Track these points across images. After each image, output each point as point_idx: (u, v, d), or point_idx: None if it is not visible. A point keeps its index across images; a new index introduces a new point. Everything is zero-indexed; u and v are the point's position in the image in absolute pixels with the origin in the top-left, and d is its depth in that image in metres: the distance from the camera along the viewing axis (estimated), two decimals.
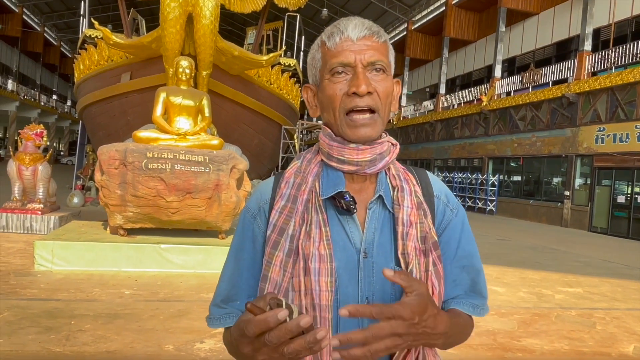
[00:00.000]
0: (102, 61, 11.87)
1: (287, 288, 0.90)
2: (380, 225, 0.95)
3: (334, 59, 0.92)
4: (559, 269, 8.04)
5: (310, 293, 0.88)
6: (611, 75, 14.65)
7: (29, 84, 39.03)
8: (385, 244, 0.94)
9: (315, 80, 0.99)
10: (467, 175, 21.20)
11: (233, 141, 8.73)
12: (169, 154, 6.03)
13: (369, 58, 0.91)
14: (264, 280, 0.93)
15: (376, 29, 0.93)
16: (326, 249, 0.90)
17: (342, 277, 0.91)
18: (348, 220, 0.94)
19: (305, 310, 0.88)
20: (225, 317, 0.98)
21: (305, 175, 0.97)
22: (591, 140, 15.37)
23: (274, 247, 0.93)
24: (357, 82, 0.89)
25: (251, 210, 1.00)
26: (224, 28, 24.86)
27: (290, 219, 0.93)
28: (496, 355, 3.84)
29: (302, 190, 0.95)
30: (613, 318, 5.16)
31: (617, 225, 14.51)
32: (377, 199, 0.96)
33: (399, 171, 1.01)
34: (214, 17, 8.11)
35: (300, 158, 1.02)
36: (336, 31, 0.92)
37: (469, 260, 1.01)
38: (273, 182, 1.01)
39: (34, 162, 8.15)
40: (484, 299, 1.02)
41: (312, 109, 1.01)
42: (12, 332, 3.62)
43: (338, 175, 0.95)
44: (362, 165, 0.94)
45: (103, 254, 5.78)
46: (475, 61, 24.42)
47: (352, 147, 0.93)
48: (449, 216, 1.02)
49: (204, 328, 3.98)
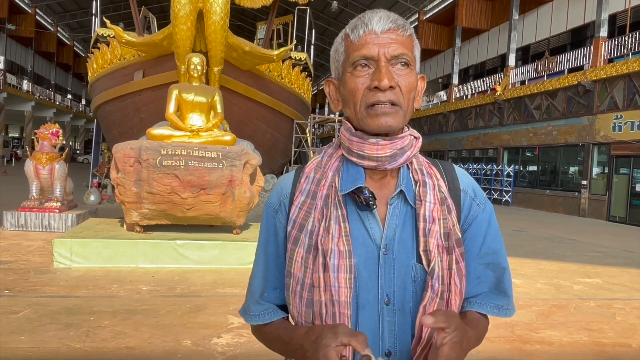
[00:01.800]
0: (114, 60, 11.95)
1: (309, 284, 0.90)
2: (402, 221, 0.93)
3: (356, 52, 0.90)
4: (577, 259, 7.94)
5: (329, 289, 0.88)
6: (628, 62, 14.35)
7: (44, 84, 39.52)
8: (406, 240, 0.92)
9: (337, 74, 0.97)
10: (481, 166, 21.00)
11: (245, 137, 8.74)
12: (182, 150, 6.06)
13: (393, 52, 0.89)
14: (288, 276, 0.94)
15: (401, 22, 0.91)
16: (345, 245, 0.89)
17: (361, 273, 0.90)
18: (368, 216, 0.93)
19: (324, 306, 0.88)
20: (264, 313, 0.99)
21: (325, 170, 0.97)
22: (608, 128, 15.10)
23: (294, 244, 0.93)
24: (380, 75, 0.88)
25: (273, 205, 1.00)
26: (234, 24, 24.94)
27: (310, 215, 0.93)
28: (514, 347, 3.81)
29: (322, 186, 0.95)
30: (633, 309, 5.08)
31: (636, 214, 14.26)
32: (399, 194, 0.94)
33: (422, 165, 0.99)
34: (225, 13, 8.10)
35: (322, 152, 1.01)
36: (360, 24, 0.91)
37: (494, 258, 0.99)
38: (293, 176, 1.00)
39: (50, 161, 8.26)
40: (509, 298, 0.99)
41: (333, 103, 1.00)
42: (32, 329, 3.68)
43: (358, 171, 0.94)
44: (382, 160, 0.92)
45: (120, 250, 5.85)
46: (488, 50, 24.10)
47: (372, 142, 0.91)
48: (476, 211, 1.00)
49: (220, 323, 4.01)
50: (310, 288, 0.90)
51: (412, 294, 0.91)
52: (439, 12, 26.68)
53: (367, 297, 0.90)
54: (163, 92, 7.66)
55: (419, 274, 0.91)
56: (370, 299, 0.90)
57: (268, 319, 0.98)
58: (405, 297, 0.91)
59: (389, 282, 0.90)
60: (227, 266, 6.01)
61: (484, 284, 0.98)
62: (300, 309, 0.92)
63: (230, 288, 5.14)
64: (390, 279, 0.90)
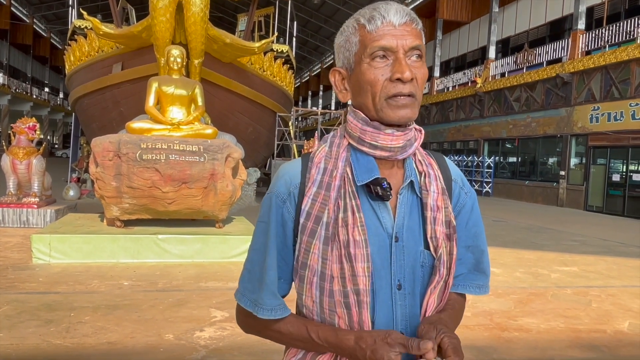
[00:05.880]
0: (92, 52, 11.74)
1: (330, 275, 0.92)
2: (409, 210, 0.98)
3: (375, 42, 0.91)
4: (554, 248, 8.10)
5: (350, 279, 0.91)
6: (605, 54, 14.61)
7: (20, 77, 38.65)
8: (414, 228, 0.97)
9: (347, 64, 0.97)
10: (462, 158, 21.23)
11: (228, 130, 8.69)
12: (163, 144, 6.01)
13: (410, 44, 0.91)
14: (303, 267, 0.95)
15: (414, 16, 0.94)
16: (361, 234, 0.92)
17: (375, 261, 0.93)
18: (380, 205, 0.96)
19: (350, 295, 0.91)
20: (277, 308, 0.96)
21: (335, 161, 0.98)
22: (586, 119, 15.38)
23: (311, 236, 0.93)
24: (402, 68, 0.90)
25: (281, 195, 0.98)
26: (214, 15, 24.65)
27: (325, 207, 0.94)
28: (493, 334, 3.89)
29: (334, 177, 0.96)
30: (608, 295, 5.22)
31: (612, 203, 14.60)
32: (408, 185, 0.98)
33: (424, 156, 1.03)
34: (204, 4, 8.01)
35: (327, 142, 1.02)
36: (377, 15, 0.92)
37: (475, 241, 1.06)
38: (301, 166, 1.00)
39: (27, 155, 8.11)
40: (487, 277, 1.07)
41: (340, 92, 1.00)
42: (12, 325, 3.63)
43: (369, 160, 0.96)
44: (395, 151, 0.95)
45: (100, 246, 5.79)
46: (469, 43, 24.29)
47: (387, 132, 0.94)
48: (464, 199, 1.06)
49: (203, 316, 4.01)
50: (330, 279, 0.92)
51: (420, 278, 0.97)
52: (420, 5, 26.73)
53: (380, 284, 0.94)
54: (142, 85, 7.56)
55: (426, 259, 0.97)
56: (384, 285, 0.94)
57: (280, 315, 0.96)
58: (415, 282, 0.96)
59: (400, 268, 0.95)
60: (210, 260, 5.99)
61: (464, 265, 1.05)
62: (318, 299, 0.94)
63: (213, 282, 5.14)
64: (401, 266, 0.95)
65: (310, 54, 44.30)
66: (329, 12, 32.30)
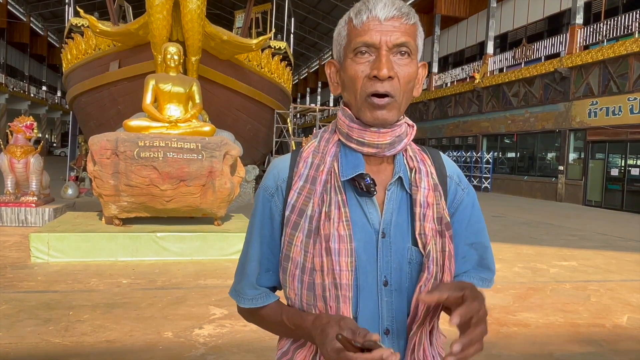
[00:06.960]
0: (89, 50, 11.72)
1: (310, 268, 0.92)
2: (397, 206, 0.96)
3: (358, 37, 0.89)
4: (553, 243, 8.11)
5: (331, 272, 0.90)
6: (603, 49, 14.60)
7: (18, 76, 38.53)
8: (402, 224, 0.96)
9: (338, 57, 0.97)
10: (461, 154, 21.22)
11: (226, 127, 8.68)
12: (160, 142, 5.99)
13: (395, 40, 0.88)
14: (286, 259, 0.95)
15: (406, 10, 0.90)
16: (346, 229, 0.91)
17: (360, 256, 0.93)
18: (366, 201, 0.95)
19: (327, 289, 0.91)
20: (258, 297, 1.00)
21: (323, 156, 0.97)
22: (584, 114, 15.38)
23: (294, 228, 0.93)
24: (379, 65, 0.87)
25: (269, 189, 0.99)
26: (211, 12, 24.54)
27: (309, 200, 0.94)
28: (492, 330, 3.90)
29: (321, 171, 0.95)
30: (607, 290, 5.23)
31: (611, 198, 14.62)
32: (396, 180, 0.97)
33: (415, 152, 1.01)
34: (201, 1, 7.99)
35: (317, 137, 1.01)
36: (364, 9, 0.89)
37: (477, 238, 1.04)
38: (290, 160, 1.00)
39: (25, 154, 8.09)
40: (492, 272, 1.06)
41: (333, 85, 1.00)
42: (10, 325, 3.63)
43: (357, 157, 0.95)
44: (382, 147, 0.94)
45: (99, 244, 5.78)
46: (467, 38, 24.25)
47: (373, 130, 0.93)
48: (461, 196, 1.04)
49: (202, 314, 4.01)
50: (310, 272, 0.92)
51: (407, 275, 0.95)
52: (418, 1, 26.69)
53: (366, 280, 0.93)
54: (140, 83, 7.54)
55: (414, 256, 0.95)
56: (369, 280, 0.93)
57: (261, 303, 1.00)
58: (402, 278, 0.95)
59: (387, 264, 0.94)
60: (209, 257, 5.99)
61: (469, 262, 1.04)
62: (300, 291, 0.94)
63: (212, 279, 5.13)
64: (388, 262, 0.94)
65: (308, 51, 44.23)
66: (327, 8, 32.21)
